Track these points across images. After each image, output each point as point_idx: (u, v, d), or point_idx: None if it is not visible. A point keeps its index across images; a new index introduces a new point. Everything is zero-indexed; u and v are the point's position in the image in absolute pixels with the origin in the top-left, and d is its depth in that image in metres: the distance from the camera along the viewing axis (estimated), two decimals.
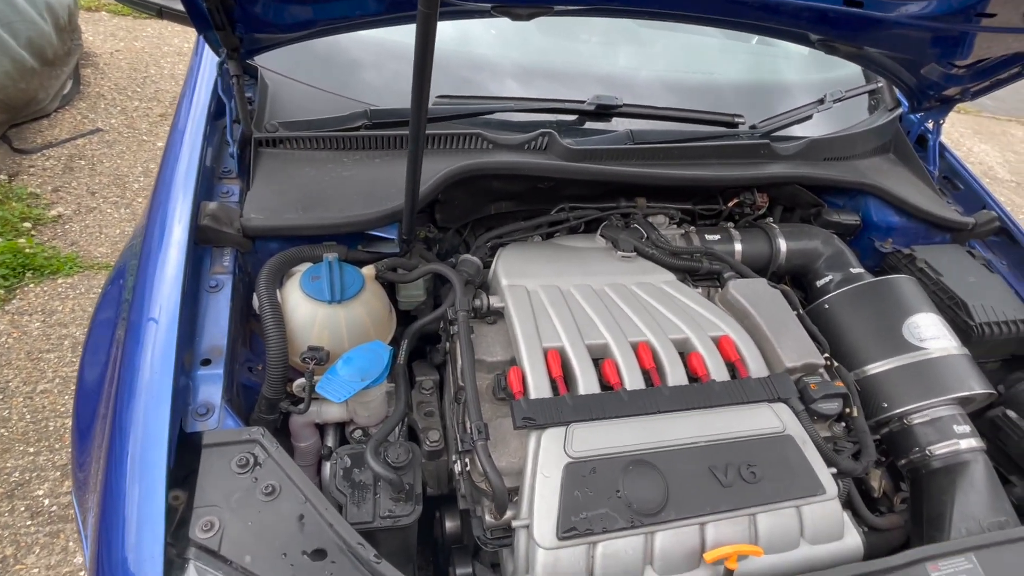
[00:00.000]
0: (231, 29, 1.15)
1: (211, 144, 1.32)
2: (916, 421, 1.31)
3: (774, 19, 1.33)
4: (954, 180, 1.94)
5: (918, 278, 1.61)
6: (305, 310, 1.12)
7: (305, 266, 1.21)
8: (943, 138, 1.98)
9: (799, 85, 2.00)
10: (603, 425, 1.06)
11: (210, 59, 1.35)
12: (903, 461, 1.34)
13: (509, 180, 1.49)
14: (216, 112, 1.36)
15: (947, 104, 1.84)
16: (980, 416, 1.57)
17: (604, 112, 1.57)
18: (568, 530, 0.94)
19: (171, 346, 0.93)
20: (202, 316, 1.07)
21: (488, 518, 1.03)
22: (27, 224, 2.93)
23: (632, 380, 1.15)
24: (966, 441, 1.28)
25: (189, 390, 0.96)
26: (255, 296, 1.12)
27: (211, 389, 0.98)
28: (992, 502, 1.21)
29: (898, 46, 1.51)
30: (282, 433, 1.18)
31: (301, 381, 1.07)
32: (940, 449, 1.28)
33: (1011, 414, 1.52)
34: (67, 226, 3.06)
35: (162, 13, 1.61)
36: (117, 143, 3.67)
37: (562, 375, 1.14)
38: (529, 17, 1.24)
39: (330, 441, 1.20)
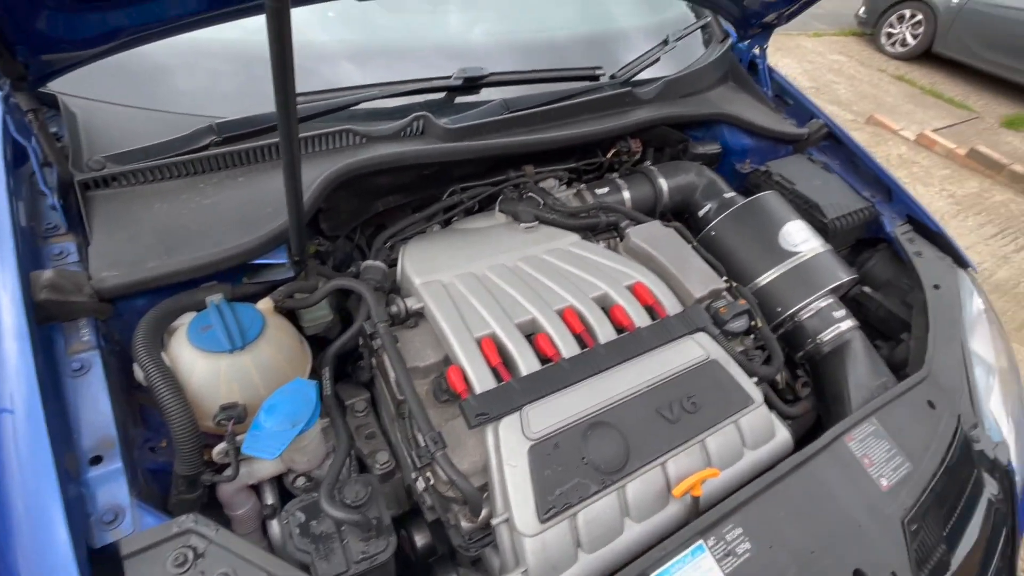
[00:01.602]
0: (10, 54, 0.92)
1: (20, 199, 1.07)
2: (805, 316, 1.49)
3: None
4: (784, 97, 2.17)
5: (777, 190, 1.81)
6: (204, 366, 0.97)
7: (188, 317, 1.04)
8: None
9: (641, 29, 2.09)
10: (553, 399, 1.07)
11: None
12: (800, 353, 1.52)
13: (394, 173, 1.40)
14: (15, 159, 1.10)
15: (768, 29, 2.04)
16: (845, 298, 1.82)
17: (473, 85, 1.52)
18: (548, 510, 0.94)
19: (45, 456, 0.76)
20: (73, 408, 0.89)
21: (464, 524, 1.01)
22: None
23: (567, 347, 1.16)
24: (845, 323, 1.47)
25: (84, 498, 0.80)
26: (135, 367, 0.95)
27: (113, 489, 0.82)
28: (873, 368, 1.42)
29: None
30: (212, 507, 1.04)
31: (222, 447, 0.94)
32: (827, 335, 1.46)
33: (867, 290, 1.78)
34: None
35: None
36: None
37: (501, 361, 1.12)
38: None
39: (270, 499, 1.08)
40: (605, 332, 1.21)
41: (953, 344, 1.46)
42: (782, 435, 1.21)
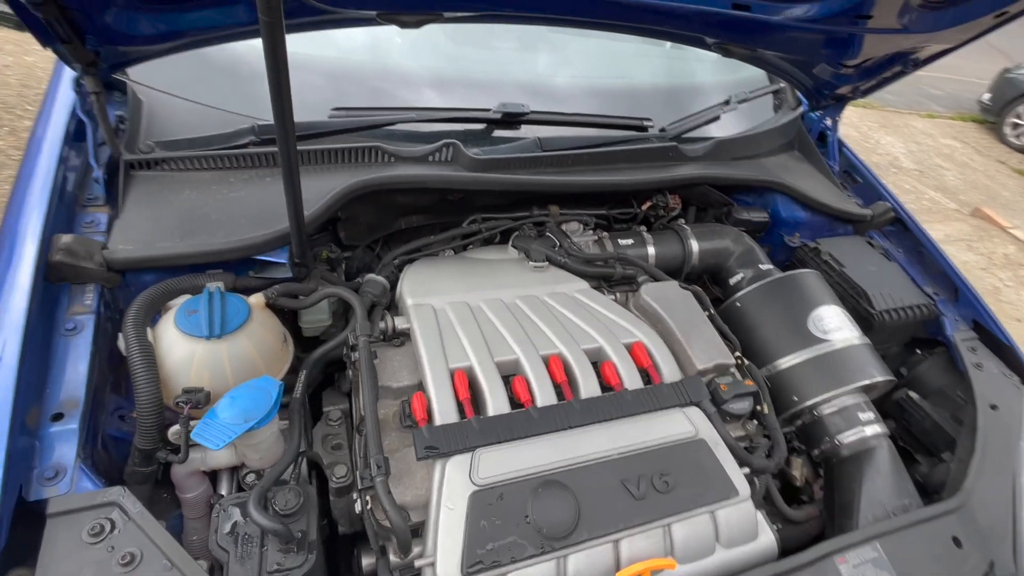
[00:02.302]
0: (80, 42, 1.03)
1: (71, 169, 1.19)
2: (825, 412, 1.35)
3: (667, 23, 1.34)
4: (853, 174, 2.03)
5: (824, 270, 1.67)
6: (181, 348, 1.01)
7: (184, 299, 1.10)
8: (843, 134, 2.08)
9: (707, 87, 2.04)
10: (511, 447, 1.02)
11: (69, 73, 1.22)
12: (816, 451, 1.37)
13: (416, 194, 1.43)
14: (77, 133, 1.23)
15: (841, 102, 1.93)
16: (886, 399, 1.64)
17: (511, 120, 1.53)
18: (473, 564, 0.88)
19: (7, 402, 0.82)
20: (57, 364, 0.95)
21: (393, 558, 0.97)
22: None
23: (544, 396, 1.11)
24: (871, 428, 1.32)
25: (35, 451, 0.85)
26: (120, 336, 1.01)
27: (63, 448, 0.86)
28: (896, 485, 1.25)
29: (789, 48, 1.56)
30: (168, 483, 1.07)
31: (176, 428, 0.97)
32: (848, 437, 1.31)
33: (914, 395, 1.59)
34: None
35: (21, 25, 1.45)
36: (4, 167, 3.35)
37: (469, 397, 1.08)
38: (417, 25, 1.19)
39: (223, 488, 1.10)
40: (589, 387, 1.15)
41: (1002, 476, 1.26)
42: (766, 539, 1.08)
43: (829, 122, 2.01)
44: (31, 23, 0.98)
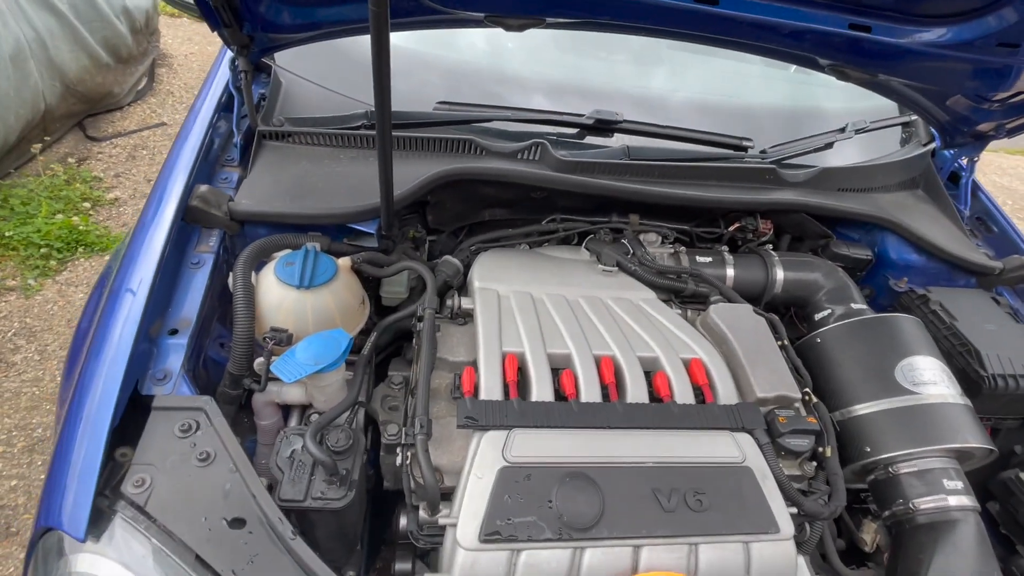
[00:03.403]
0: (238, 27, 1.23)
1: (219, 134, 1.41)
2: (903, 471, 1.22)
3: (775, 41, 1.30)
4: (987, 222, 1.81)
5: (930, 320, 1.51)
6: (275, 293, 1.16)
7: (286, 252, 1.26)
8: (990, 185, 1.86)
9: (826, 113, 1.93)
10: (547, 434, 1.05)
11: (229, 56, 1.45)
12: (886, 513, 1.24)
13: (501, 187, 1.50)
14: (227, 105, 1.45)
15: (982, 140, 1.74)
16: (992, 478, 1.45)
17: (603, 127, 1.56)
18: (491, 533, 0.92)
19: (138, 313, 1.00)
20: (180, 290, 1.14)
21: (423, 514, 1.03)
22: (87, 204, 3.20)
23: (589, 392, 1.13)
24: (956, 498, 1.17)
25: (151, 356, 1.02)
26: (230, 275, 1.18)
27: (173, 357, 1.03)
28: (978, 568, 1.11)
29: (917, 76, 1.45)
30: (250, 410, 1.23)
31: (260, 359, 1.11)
32: (926, 504, 1.18)
33: None
34: (122, 208, 3.31)
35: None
36: None
37: (516, 380, 1.13)
38: (521, 28, 1.27)
39: (293, 422, 1.24)
40: (636, 393, 1.15)
41: None
42: None
43: (964, 161, 1.82)
44: (203, 8, 1.19)
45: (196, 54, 5.03)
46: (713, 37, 1.30)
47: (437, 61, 1.70)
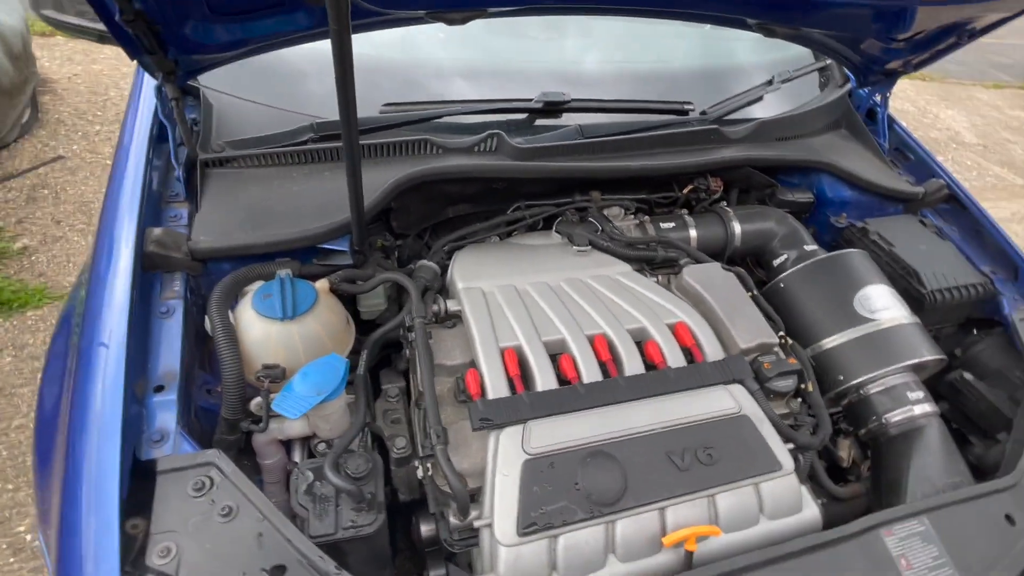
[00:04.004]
0: (163, 53, 1.14)
1: (156, 169, 1.31)
2: (872, 391, 1.35)
3: (707, 6, 1.35)
4: (905, 151, 1.98)
5: (872, 251, 1.65)
6: (258, 328, 1.12)
7: (259, 284, 1.21)
8: (899, 109, 2.02)
9: (750, 68, 2.02)
10: (561, 420, 1.08)
11: (150, 82, 1.34)
12: (863, 431, 1.37)
13: (462, 183, 1.49)
14: (159, 136, 1.35)
15: (892, 77, 1.88)
16: (939, 380, 1.61)
17: (553, 109, 1.58)
18: (528, 526, 0.95)
19: (120, 376, 0.94)
20: (155, 343, 1.07)
21: (453, 520, 1.05)
22: None
23: (589, 373, 1.17)
24: (920, 407, 1.31)
25: (143, 418, 0.97)
26: (206, 318, 1.12)
27: (166, 415, 0.98)
28: (947, 464, 1.25)
29: (835, 25, 1.54)
30: (249, 452, 1.19)
31: (258, 400, 1.07)
32: (895, 416, 1.31)
33: (968, 376, 1.56)
34: (33, 257, 3.02)
35: (102, 38, 1.59)
36: (80, 169, 3.62)
37: (519, 373, 1.15)
38: (464, 21, 1.25)
39: (297, 456, 1.21)
40: (633, 365, 1.20)
41: None
42: (810, 512, 1.11)
43: (878, 98, 1.96)
44: (121, 37, 1.09)
45: (80, 75, 4.58)
46: (650, 8, 1.33)
47: (374, 63, 1.64)
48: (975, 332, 1.66)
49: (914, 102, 7.09)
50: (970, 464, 1.40)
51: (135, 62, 1.20)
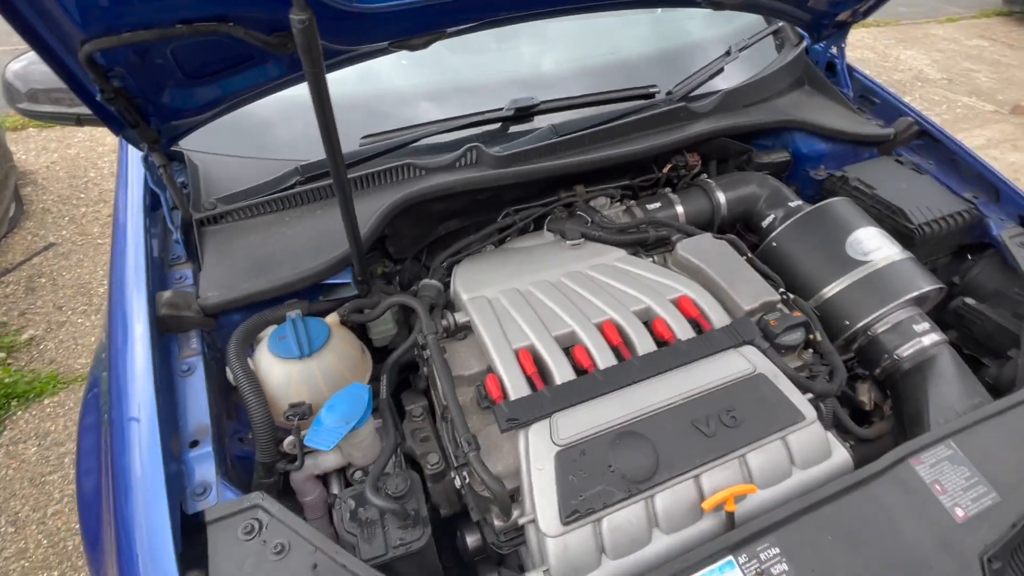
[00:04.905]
0: (146, 124, 1.18)
1: (154, 236, 1.35)
2: (880, 330, 1.38)
3: None
4: (870, 96, 2.02)
5: (855, 196, 1.69)
6: (279, 371, 1.15)
7: (271, 329, 1.24)
8: (861, 57, 2.07)
9: (707, 42, 2.07)
10: (584, 408, 1.11)
11: (135, 155, 1.38)
12: (878, 371, 1.40)
13: (449, 199, 1.53)
14: (152, 204, 1.39)
15: (844, 28, 1.93)
16: (944, 310, 1.65)
17: (524, 114, 1.62)
18: (571, 514, 0.98)
19: (155, 438, 0.96)
20: (182, 402, 1.10)
21: (497, 523, 1.07)
22: (1, 354, 2.92)
23: (603, 359, 1.20)
24: (928, 337, 1.34)
25: (183, 474, 0.99)
26: (227, 369, 1.15)
27: (204, 468, 1.01)
28: (964, 388, 1.28)
29: None
30: (288, 493, 1.21)
31: (290, 439, 1.10)
32: (906, 351, 1.34)
33: (970, 301, 1.59)
34: (41, 346, 3.05)
35: (80, 121, 1.64)
36: (73, 253, 3.67)
37: (536, 371, 1.18)
38: (425, 45, 1.30)
39: (335, 488, 1.23)
40: (644, 344, 1.23)
41: None
42: (840, 455, 1.13)
43: (835, 50, 2.02)
44: (104, 115, 1.13)
45: (58, 162, 4.64)
46: (604, 4, 1.38)
47: (346, 99, 1.68)
48: (969, 258, 1.69)
49: (873, 48, 7.19)
50: (988, 385, 1.43)
51: (117, 140, 1.24)
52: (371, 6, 1.08)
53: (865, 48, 7.16)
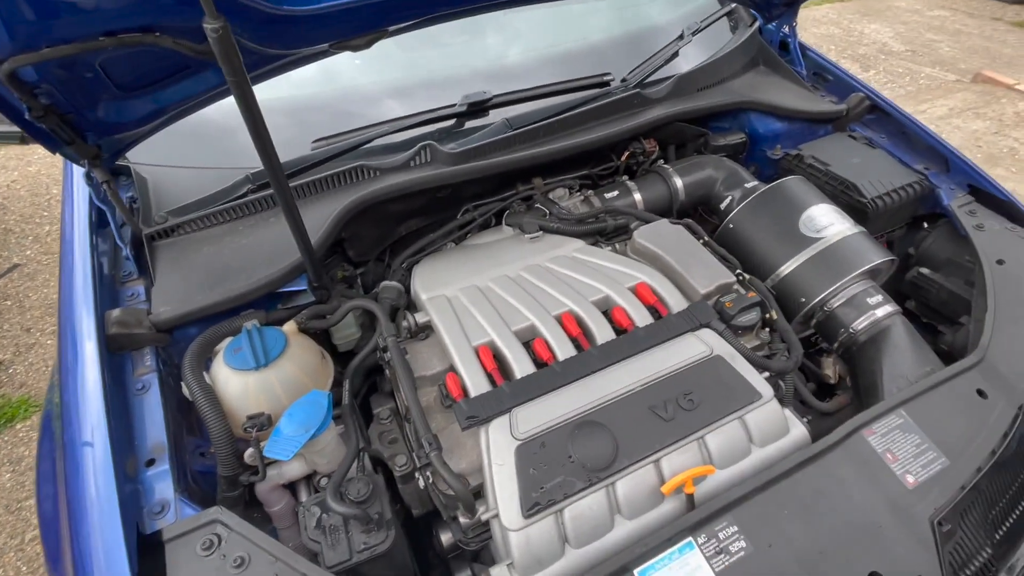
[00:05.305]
0: (83, 140, 1.16)
1: (104, 253, 1.32)
2: (835, 305, 1.40)
3: None
4: (823, 74, 2.04)
5: (810, 174, 1.71)
6: (236, 383, 1.14)
7: (228, 341, 1.22)
8: (825, 33, 2.08)
9: (660, 27, 2.07)
10: (543, 401, 1.11)
11: (79, 171, 1.35)
12: (836, 344, 1.43)
13: (407, 199, 1.52)
14: (99, 222, 1.36)
15: (793, 7, 1.95)
16: (901, 280, 1.68)
17: (477, 109, 1.61)
18: (532, 507, 0.99)
19: (108, 462, 0.95)
20: (138, 420, 1.08)
21: (463, 520, 1.08)
22: None
23: (563, 351, 1.20)
24: (881, 309, 1.37)
25: (140, 493, 0.98)
26: (183, 385, 1.14)
27: (162, 486, 1.00)
28: (917, 357, 1.31)
29: None
30: (256, 504, 1.21)
31: (251, 450, 1.09)
32: (861, 323, 1.37)
33: (924, 271, 1.63)
34: (11, 370, 2.99)
35: (24, 139, 1.60)
36: (39, 273, 3.59)
37: (496, 367, 1.18)
38: (368, 45, 1.28)
39: (303, 496, 1.23)
40: (603, 334, 1.24)
41: (1019, 325, 1.30)
42: (797, 431, 1.16)
43: (787, 29, 2.03)
44: (37, 134, 1.11)
45: (19, 180, 4.52)
46: None
47: (300, 102, 1.66)
48: (925, 226, 1.72)
49: (837, 23, 7.24)
50: (945, 352, 1.46)
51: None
52: (300, 9, 1.07)
53: (830, 24, 7.21)
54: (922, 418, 1.12)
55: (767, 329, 1.36)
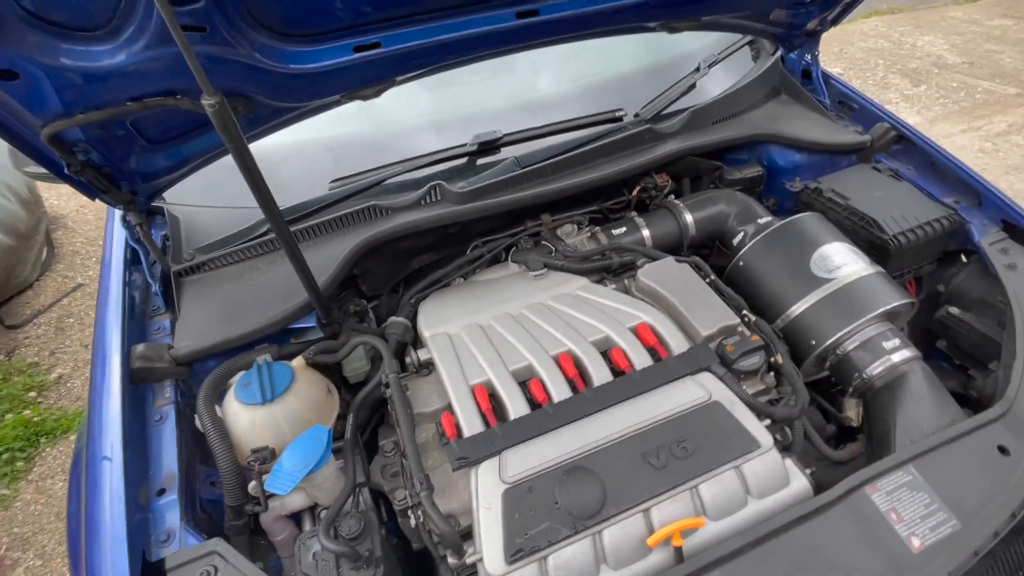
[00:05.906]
0: (117, 189, 1.27)
1: (137, 288, 1.43)
2: (849, 348, 1.35)
3: (600, 24, 1.42)
4: (848, 102, 1.98)
5: (828, 207, 1.66)
6: (244, 417, 1.20)
7: (241, 375, 1.30)
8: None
9: (678, 60, 2.07)
10: (534, 444, 1.12)
11: (117, 213, 1.47)
12: (851, 388, 1.37)
13: (417, 236, 1.57)
14: (133, 258, 1.48)
15: (814, 36, 1.91)
16: (930, 319, 1.60)
17: (487, 149, 1.66)
18: (515, 553, 0.99)
19: (120, 488, 1.03)
20: (154, 451, 1.16)
21: (452, 560, 1.09)
22: (32, 393, 3.10)
23: (558, 392, 1.21)
24: (898, 354, 1.31)
25: (150, 522, 1.05)
26: (196, 417, 1.21)
27: (170, 516, 1.06)
28: (936, 407, 1.24)
29: (735, 6, 1.59)
30: (263, 532, 1.26)
31: (254, 483, 1.15)
32: (876, 368, 1.31)
33: (954, 310, 1.55)
34: (69, 384, 3.23)
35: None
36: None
37: (491, 407, 1.20)
38: (376, 94, 1.35)
39: (307, 526, 1.28)
40: (600, 375, 1.24)
41: None
42: (799, 483, 1.12)
43: (809, 57, 1.99)
44: (76, 185, 1.22)
45: (87, 205, 4.90)
46: (547, 39, 1.41)
47: (315, 142, 1.76)
48: (964, 260, 1.63)
49: (887, 36, 6.98)
50: (972, 399, 1.38)
51: None
52: (308, 67, 1.14)
53: (879, 36, 6.95)
54: (934, 475, 1.06)
55: (772, 373, 1.32)
